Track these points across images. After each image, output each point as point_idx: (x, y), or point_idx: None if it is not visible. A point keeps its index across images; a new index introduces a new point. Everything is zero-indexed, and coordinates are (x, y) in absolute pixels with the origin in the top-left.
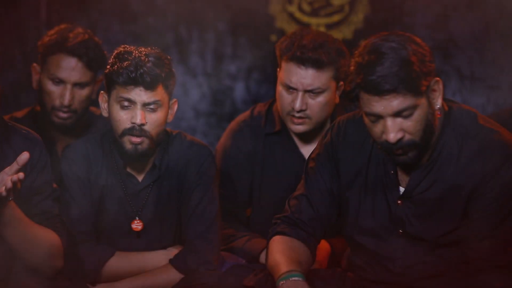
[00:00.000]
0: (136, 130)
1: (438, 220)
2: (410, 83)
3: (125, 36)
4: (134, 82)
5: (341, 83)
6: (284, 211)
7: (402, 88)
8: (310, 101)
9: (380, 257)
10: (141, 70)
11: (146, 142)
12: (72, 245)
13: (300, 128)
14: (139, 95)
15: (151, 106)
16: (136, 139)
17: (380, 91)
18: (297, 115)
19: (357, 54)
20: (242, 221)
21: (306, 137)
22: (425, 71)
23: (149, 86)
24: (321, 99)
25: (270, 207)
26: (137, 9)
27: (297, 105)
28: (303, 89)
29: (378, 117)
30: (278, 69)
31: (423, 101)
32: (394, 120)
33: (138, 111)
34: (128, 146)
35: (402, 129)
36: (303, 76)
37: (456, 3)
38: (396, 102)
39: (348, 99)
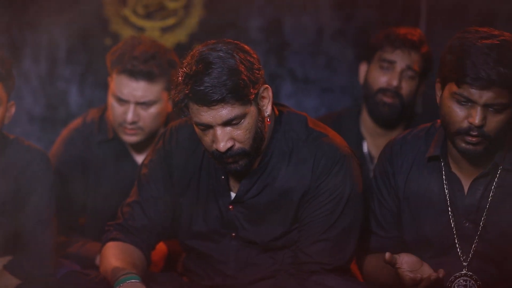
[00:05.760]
0: None
1: (270, 224)
2: (238, 92)
3: None
4: None
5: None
6: (117, 218)
7: (230, 98)
8: (142, 112)
9: (214, 260)
10: None
11: None
12: None
13: (132, 138)
14: None
15: None
16: None
17: (208, 102)
18: (129, 126)
19: (185, 64)
20: (76, 229)
21: (139, 145)
22: (253, 79)
23: None
24: (153, 110)
25: (104, 215)
26: None
27: (129, 117)
28: (135, 101)
29: (208, 126)
30: (109, 78)
31: (252, 109)
32: (223, 129)
33: None
34: None
35: (232, 138)
36: (135, 88)
37: (290, 7)
38: (224, 112)
39: (177, 110)
